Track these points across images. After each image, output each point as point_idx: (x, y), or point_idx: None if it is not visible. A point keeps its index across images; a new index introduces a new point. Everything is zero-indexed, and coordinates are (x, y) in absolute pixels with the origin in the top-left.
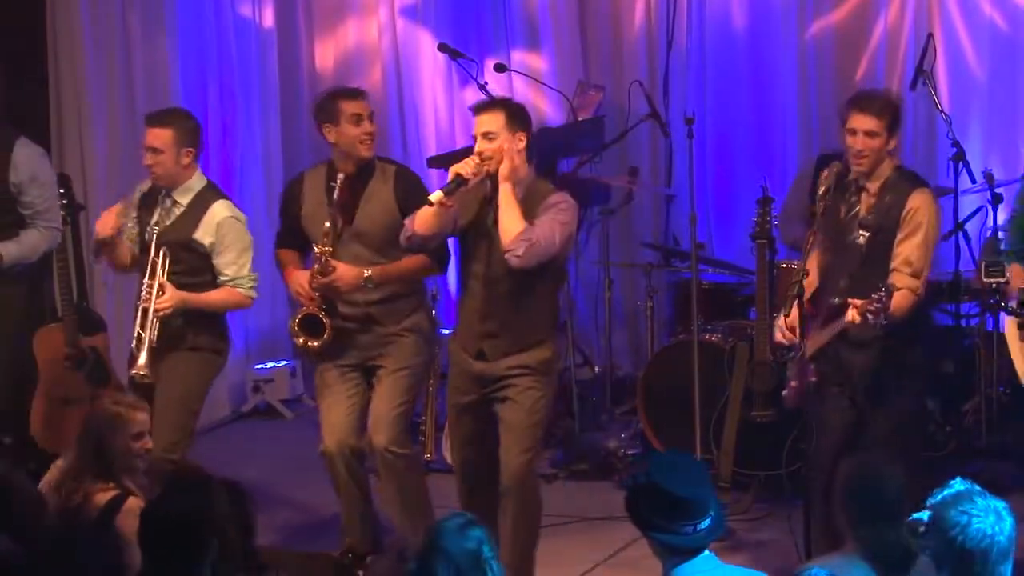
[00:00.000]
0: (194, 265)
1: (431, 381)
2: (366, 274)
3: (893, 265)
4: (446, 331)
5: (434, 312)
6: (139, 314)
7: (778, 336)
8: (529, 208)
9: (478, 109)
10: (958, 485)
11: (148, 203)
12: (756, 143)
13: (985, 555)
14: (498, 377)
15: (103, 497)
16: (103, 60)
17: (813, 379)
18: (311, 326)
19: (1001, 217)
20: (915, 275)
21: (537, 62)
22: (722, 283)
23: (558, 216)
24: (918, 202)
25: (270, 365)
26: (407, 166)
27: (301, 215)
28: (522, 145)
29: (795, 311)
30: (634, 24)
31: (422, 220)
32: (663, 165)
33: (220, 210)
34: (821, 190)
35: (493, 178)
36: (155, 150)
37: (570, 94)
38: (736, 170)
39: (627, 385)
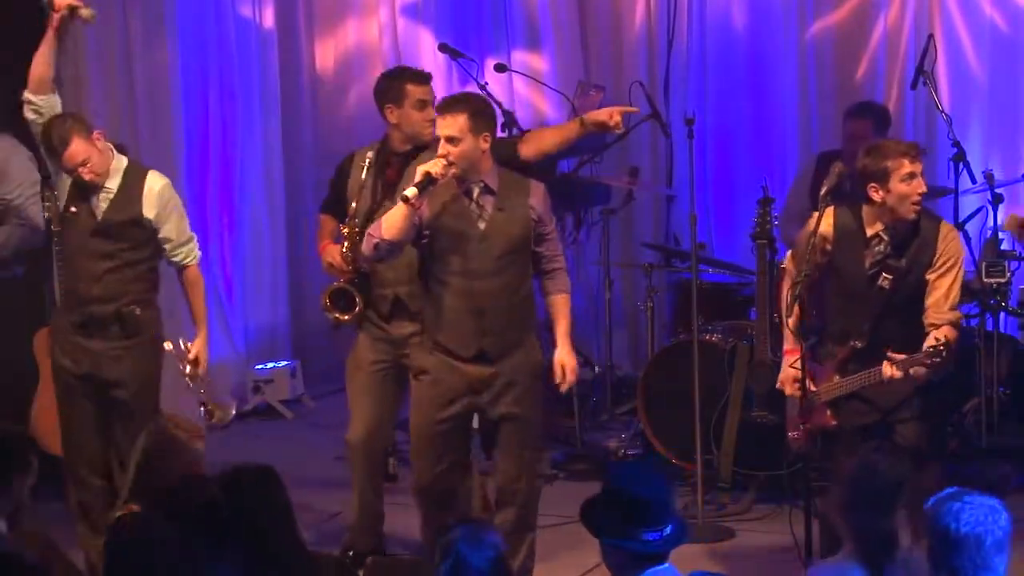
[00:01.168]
0: (140, 240)
1: None
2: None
3: (931, 300)
4: None
5: None
6: (200, 393)
7: (788, 390)
8: (512, 197)
9: (441, 109)
10: (951, 491)
11: (78, 195)
12: (756, 143)
13: (979, 541)
14: (496, 384)
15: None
16: (103, 61)
17: (834, 423)
18: (341, 300)
19: (1002, 217)
20: (954, 308)
21: (537, 62)
22: (722, 283)
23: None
24: (949, 238)
25: (270, 365)
26: None
27: (347, 188)
28: (487, 146)
29: (794, 370)
30: (634, 24)
31: (391, 225)
32: (663, 165)
33: (156, 180)
34: (823, 191)
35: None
36: (87, 161)
37: (570, 94)
38: (736, 170)
39: (627, 385)
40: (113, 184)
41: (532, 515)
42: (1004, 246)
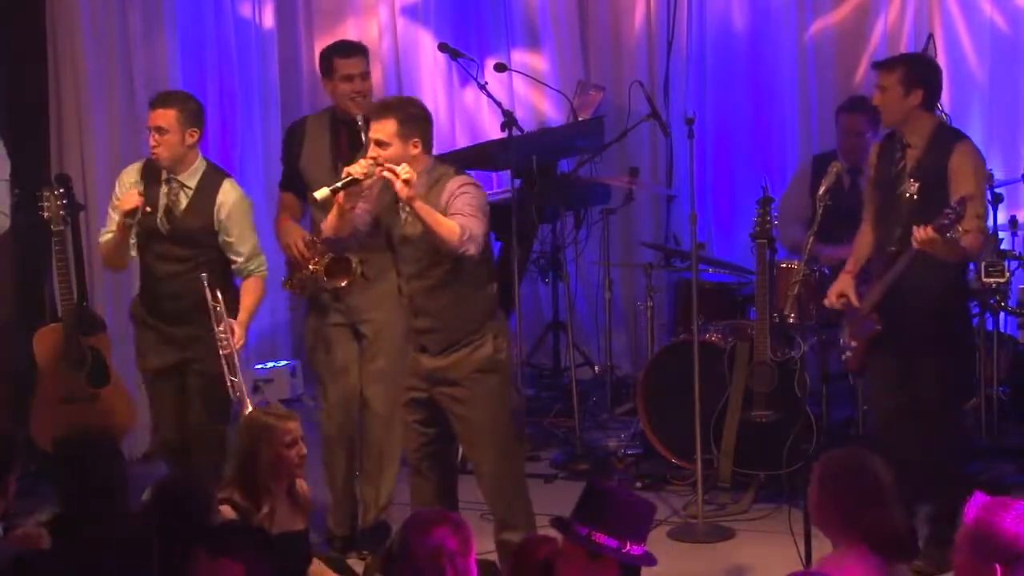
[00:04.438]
0: (215, 244)
1: None
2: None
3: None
4: None
5: None
6: (224, 363)
7: (829, 300)
8: (433, 195)
9: (372, 113)
10: (993, 501)
11: (148, 189)
12: (756, 143)
13: None
14: (447, 380)
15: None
16: (103, 60)
17: (878, 327)
18: (337, 268)
19: (1001, 217)
20: (978, 216)
21: (537, 62)
22: (722, 283)
23: (468, 202)
24: (959, 157)
25: (270, 365)
26: None
27: (300, 158)
28: (416, 151)
29: (845, 279)
30: (634, 24)
31: (328, 222)
32: (663, 165)
33: (231, 190)
34: (821, 190)
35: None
36: (160, 129)
37: (570, 94)
38: (736, 170)
39: (627, 385)
40: (192, 183)
41: (515, 515)
42: (1004, 246)
